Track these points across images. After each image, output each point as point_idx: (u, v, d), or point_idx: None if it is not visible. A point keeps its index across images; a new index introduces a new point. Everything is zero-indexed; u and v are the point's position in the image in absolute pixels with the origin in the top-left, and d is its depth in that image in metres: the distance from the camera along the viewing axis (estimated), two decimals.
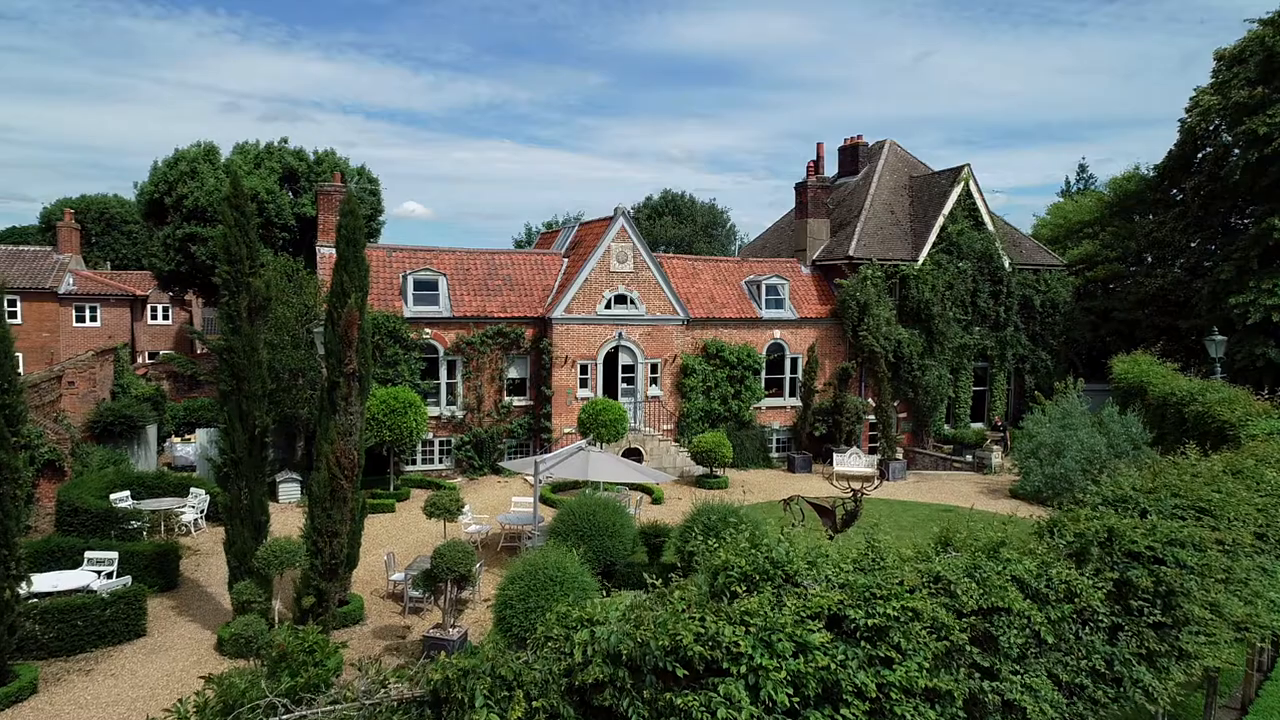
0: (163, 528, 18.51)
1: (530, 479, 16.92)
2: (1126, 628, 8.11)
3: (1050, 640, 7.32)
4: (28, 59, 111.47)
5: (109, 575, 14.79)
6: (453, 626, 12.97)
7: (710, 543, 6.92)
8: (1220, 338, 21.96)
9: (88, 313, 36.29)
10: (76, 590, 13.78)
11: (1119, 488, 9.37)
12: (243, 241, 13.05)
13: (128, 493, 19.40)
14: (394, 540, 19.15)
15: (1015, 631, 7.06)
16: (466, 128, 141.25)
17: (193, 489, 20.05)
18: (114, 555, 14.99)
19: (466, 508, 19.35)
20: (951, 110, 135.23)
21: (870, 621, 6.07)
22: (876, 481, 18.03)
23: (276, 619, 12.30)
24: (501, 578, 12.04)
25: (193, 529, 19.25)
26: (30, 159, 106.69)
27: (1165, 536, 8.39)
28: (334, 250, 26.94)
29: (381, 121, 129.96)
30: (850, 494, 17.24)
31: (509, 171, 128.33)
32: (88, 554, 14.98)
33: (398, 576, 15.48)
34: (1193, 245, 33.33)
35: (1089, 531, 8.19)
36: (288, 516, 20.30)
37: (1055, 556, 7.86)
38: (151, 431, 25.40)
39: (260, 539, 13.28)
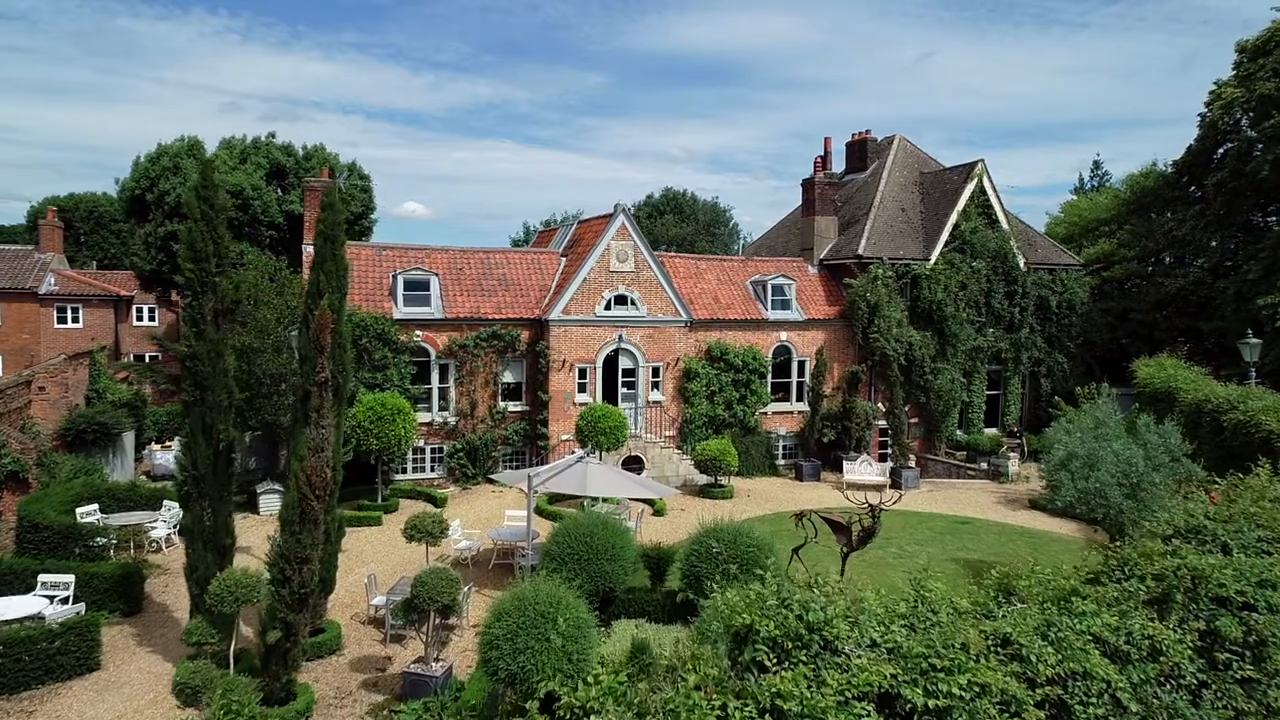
0: (131, 545, 17.29)
1: (525, 490, 15.77)
2: (1212, 685, 6.93)
3: (1133, 708, 6.15)
4: (28, 59, 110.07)
5: (64, 601, 13.62)
6: (436, 660, 11.79)
7: (728, 594, 5.74)
8: (1255, 340, 20.76)
9: (69, 314, 35.08)
10: (26, 618, 12.62)
11: (1191, 516, 8.17)
12: (209, 237, 11.86)
13: (96, 506, 18.23)
14: (379, 557, 17.97)
15: (1095, 700, 5.89)
16: (466, 128, 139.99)
17: (166, 501, 18.84)
18: (70, 579, 13.80)
19: (456, 523, 18.18)
20: (952, 110, 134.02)
21: (931, 703, 4.89)
22: (896, 495, 16.83)
23: (233, 659, 11.07)
24: (491, 604, 10.86)
25: (164, 545, 18.05)
26: (30, 159, 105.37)
27: (1256, 577, 7.21)
28: None
29: (382, 121, 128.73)
30: (866, 508, 16.04)
31: (509, 171, 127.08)
32: (41, 577, 13.80)
33: (379, 600, 14.29)
34: (1213, 244, 32.11)
35: (1168, 573, 6.99)
36: (268, 529, 19.05)
37: (1133, 604, 6.68)
38: (128, 439, 24.23)
39: (225, 564, 12.10)
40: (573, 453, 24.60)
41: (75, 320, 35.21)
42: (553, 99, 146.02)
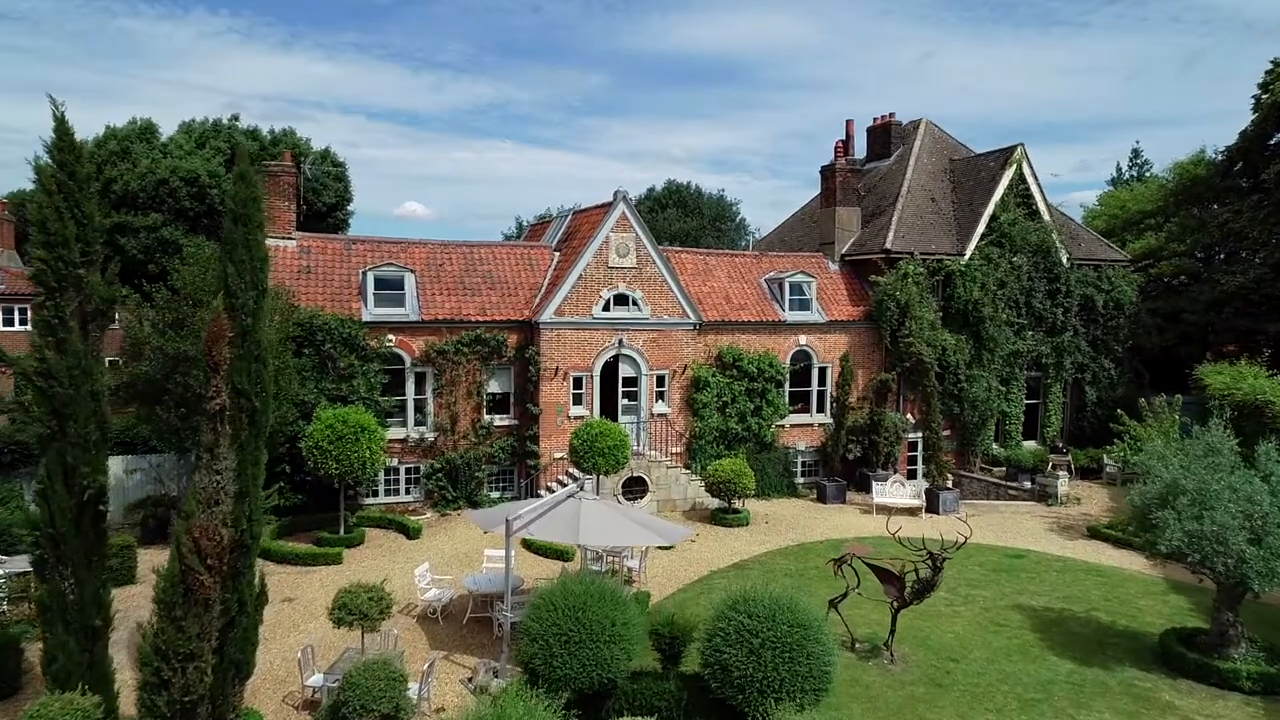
0: (29, 598, 14.24)
1: (503, 533, 12.74)
2: None
3: None
4: (28, 59, 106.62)
5: None
6: None
7: None
8: None
9: (17, 315, 32.07)
10: None
11: None
12: (69, 217, 8.86)
13: None
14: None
15: None
16: (467, 128, 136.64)
17: None
18: None
19: (424, 567, 15.16)
20: (954, 111, 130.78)
21: None
22: (961, 538, 13.81)
23: None
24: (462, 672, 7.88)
25: None
26: (30, 159, 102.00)
27: None
28: (279, 241, 22.79)
29: (383, 121, 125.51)
30: (925, 555, 13.05)
31: (510, 171, 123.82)
32: None
33: (315, 680, 11.26)
34: (1275, 239, 29.08)
35: None
36: None
37: None
38: None
39: (95, 651, 9.09)
40: (569, 474, 21.61)
41: (24, 323, 32.18)
42: (553, 99, 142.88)
